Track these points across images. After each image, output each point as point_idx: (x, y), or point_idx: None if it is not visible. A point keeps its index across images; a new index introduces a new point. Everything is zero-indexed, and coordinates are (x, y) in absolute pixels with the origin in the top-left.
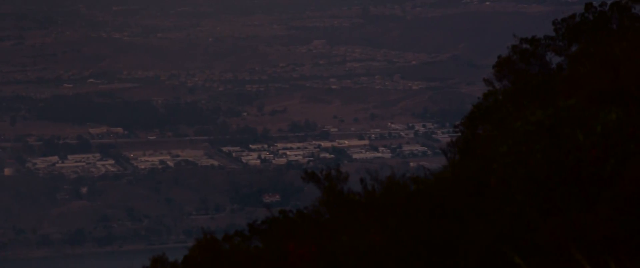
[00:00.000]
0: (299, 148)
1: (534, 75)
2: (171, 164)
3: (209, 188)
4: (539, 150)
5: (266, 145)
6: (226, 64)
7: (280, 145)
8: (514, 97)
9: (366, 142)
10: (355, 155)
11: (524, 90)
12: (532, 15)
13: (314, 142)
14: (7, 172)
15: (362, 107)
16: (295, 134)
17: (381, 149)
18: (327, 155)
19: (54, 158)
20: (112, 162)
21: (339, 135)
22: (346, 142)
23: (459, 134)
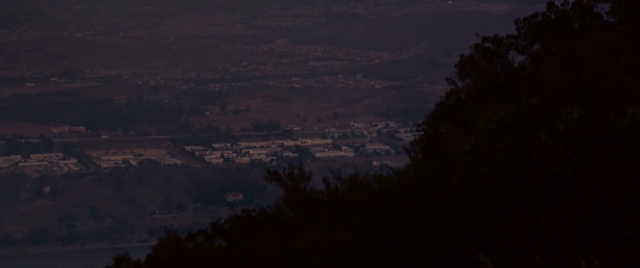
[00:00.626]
0: (262, 147)
1: (497, 74)
2: (134, 163)
3: (172, 187)
4: (501, 149)
5: (229, 144)
6: (189, 63)
7: (243, 144)
8: (476, 96)
9: (329, 141)
10: (318, 154)
11: (487, 89)
12: (495, 14)
13: (277, 141)
14: None
15: (325, 106)
16: (258, 133)
17: (344, 148)
18: (290, 154)
19: (17, 157)
20: (74, 161)
21: (302, 134)
22: (309, 141)
23: (422, 133)
